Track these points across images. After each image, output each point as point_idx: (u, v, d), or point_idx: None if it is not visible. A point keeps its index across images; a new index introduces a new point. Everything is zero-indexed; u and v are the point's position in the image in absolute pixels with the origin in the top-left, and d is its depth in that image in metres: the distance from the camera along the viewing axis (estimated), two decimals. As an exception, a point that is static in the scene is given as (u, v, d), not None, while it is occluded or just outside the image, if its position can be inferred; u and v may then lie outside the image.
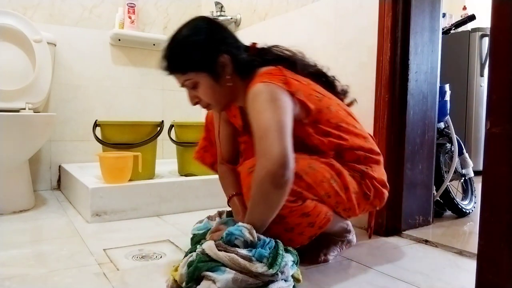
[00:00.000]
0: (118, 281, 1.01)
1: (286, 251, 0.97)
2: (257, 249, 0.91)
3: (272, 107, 0.97)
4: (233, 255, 0.88)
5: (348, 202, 1.09)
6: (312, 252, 1.17)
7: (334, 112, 1.12)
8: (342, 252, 1.23)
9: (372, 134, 1.25)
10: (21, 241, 1.34)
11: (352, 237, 1.25)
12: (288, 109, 1.00)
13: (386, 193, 1.17)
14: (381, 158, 1.18)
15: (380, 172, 1.16)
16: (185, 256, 1.00)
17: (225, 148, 1.31)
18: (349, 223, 1.23)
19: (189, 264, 0.91)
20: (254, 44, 1.17)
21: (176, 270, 0.95)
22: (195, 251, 0.95)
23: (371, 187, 1.12)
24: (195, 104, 1.13)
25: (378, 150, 1.18)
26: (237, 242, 0.93)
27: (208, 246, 0.92)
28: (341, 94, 1.25)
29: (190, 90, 1.10)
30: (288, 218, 1.02)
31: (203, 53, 1.05)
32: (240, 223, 0.97)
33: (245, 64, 1.11)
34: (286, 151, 0.92)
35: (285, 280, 0.91)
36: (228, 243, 0.94)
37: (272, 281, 0.88)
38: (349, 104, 1.26)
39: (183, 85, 1.10)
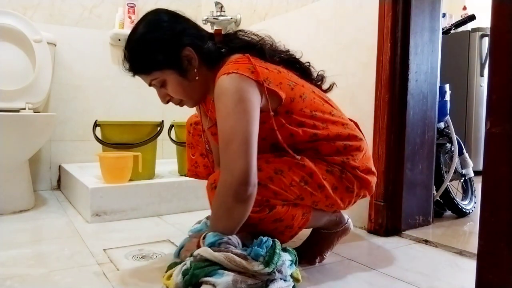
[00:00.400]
0: (118, 281, 1.01)
1: (285, 250, 0.97)
2: (253, 248, 0.90)
3: (238, 111, 0.92)
4: (229, 253, 0.88)
5: (327, 199, 1.05)
6: (307, 253, 1.16)
7: (308, 100, 1.04)
8: (338, 242, 1.20)
9: (354, 120, 1.18)
10: (21, 241, 1.34)
11: (346, 225, 1.18)
12: (255, 111, 0.94)
13: (373, 180, 1.11)
14: (363, 144, 1.11)
15: (364, 159, 1.10)
16: (168, 268, 0.98)
17: (214, 150, 1.27)
18: (338, 214, 1.17)
19: (184, 273, 0.89)
20: (218, 30, 1.11)
21: (168, 278, 0.93)
22: (180, 263, 0.94)
23: (353, 179, 1.06)
24: (167, 102, 1.10)
25: (360, 136, 1.11)
26: (224, 246, 0.92)
27: (203, 249, 0.91)
28: (317, 81, 1.18)
29: (160, 89, 1.07)
30: (261, 226, 1.00)
31: (164, 50, 1.00)
32: (210, 233, 0.96)
33: (211, 54, 1.05)
34: (249, 167, 0.91)
35: (284, 280, 0.91)
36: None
37: (272, 281, 0.88)
38: (328, 90, 1.20)
39: (150, 85, 1.06)
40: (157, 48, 1.00)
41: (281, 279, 0.90)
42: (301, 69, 1.16)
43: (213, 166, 1.34)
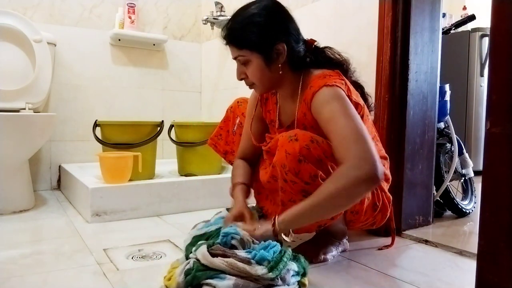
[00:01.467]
0: (118, 281, 1.01)
1: (296, 259, 0.97)
2: (259, 251, 0.90)
3: (355, 115, 1.00)
4: (231, 259, 0.87)
5: (359, 204, 1.11)
6: (312, 251, 1.18)
7: (369, 122, 1.18)
8: (338, 256, 1.23)
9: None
10: (21, 241, 1.34)
11: (346, 242, 1.27)
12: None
13: (389, 211, 1.21)
14: (390, 179, 1.23)
15: (386, 190, 1.21)
16: (171, 267, 0.98)
17: (250, 145, 1.30)
18: (346, 229, 1.24)
19: (187, 273, 0.89)
20: (312, 40, 1.20)
21: (169, 279, 0.93)
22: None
23: (381, 198, 1.16)
24: (241, 79, 1.15)
25: (389, 171, 1.24)
26: (234, 242, 0.92)
27: (202, 254, 0.90)
28: (369, 110, 1.27)
29: (240, 66, 1.13)
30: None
31: (263, 36, 1.07)
32: (233, 225, 0.96)
33: (298, 57, 1.14)
34: (379, 162, 0.94)
35: (288, 284, 0.90)
36: (225, 245, 0.93)
37: (273, 285, 0.88)
38: None
39: (235, 59, 1.13)
40: (258, 31, 1.07)
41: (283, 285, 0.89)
42: (363, 95, 1.25)
43: (233, 148, 1.41)
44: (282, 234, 1.00)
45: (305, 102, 1.09)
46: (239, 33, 1.09)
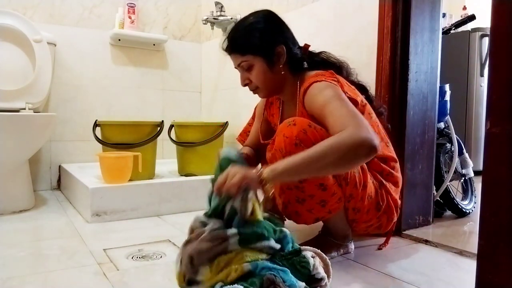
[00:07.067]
0: (118, 281, 1.01)
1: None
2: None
3: (345, 99, 1.03)
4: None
5: (360, 202, 1.11)
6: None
7: (373, 121, 1.17)
8: (339, 256, 1.22)
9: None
10: (21, 241, 1.34)
11: (351, 246, 1.26)
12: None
13: (395, 216, 1.20)
14: (400, 182, 1.21)
15: (396, 195, 1.20)
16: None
17: (258, 141, 1.38)
18: (349, 229, 1.23)
19: None
20: (307, 45, 1.25)
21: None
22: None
23: (385, 199, 1.15)
24: (245, 85, 1.22)
25: (400, 176, 1.22)
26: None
27: None
28: (378, 113, 1.26)
29: (244, 72, 1.19)
30: (306, 183, 1.04)
31: (264, 39, 1.14)
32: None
33: (297, 59, 1.21)
34: (377, 136, 0.94)
35: None
36: None
37: None
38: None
39: (238, 66, 1.19)
40: (259, 36, 1.15)
41: None
42: (367, 98, 1.26)
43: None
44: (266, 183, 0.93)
45: (300, 102, 1.13)
46: (242, 40, 1.16)
